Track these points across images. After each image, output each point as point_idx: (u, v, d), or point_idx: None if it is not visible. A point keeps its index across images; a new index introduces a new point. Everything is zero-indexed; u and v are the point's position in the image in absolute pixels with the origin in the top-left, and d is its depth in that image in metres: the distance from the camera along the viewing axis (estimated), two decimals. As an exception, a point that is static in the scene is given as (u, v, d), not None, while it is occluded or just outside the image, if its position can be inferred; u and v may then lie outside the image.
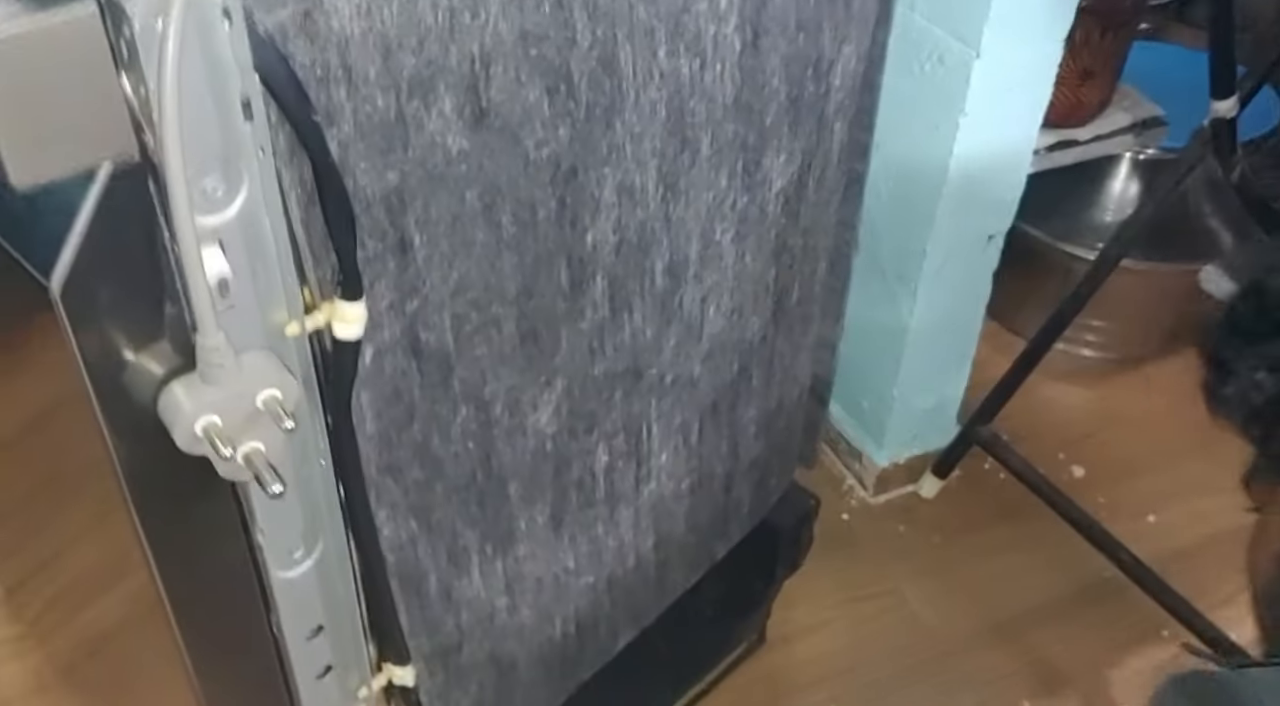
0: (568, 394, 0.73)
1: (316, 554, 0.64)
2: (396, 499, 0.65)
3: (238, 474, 0.52)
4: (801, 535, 1.17)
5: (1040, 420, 1.52)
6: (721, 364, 0.85)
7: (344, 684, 0.72)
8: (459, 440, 0.67)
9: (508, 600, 0.79)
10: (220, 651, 0.64)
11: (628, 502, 0.86)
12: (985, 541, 1.38)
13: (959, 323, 1.31)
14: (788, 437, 1.05)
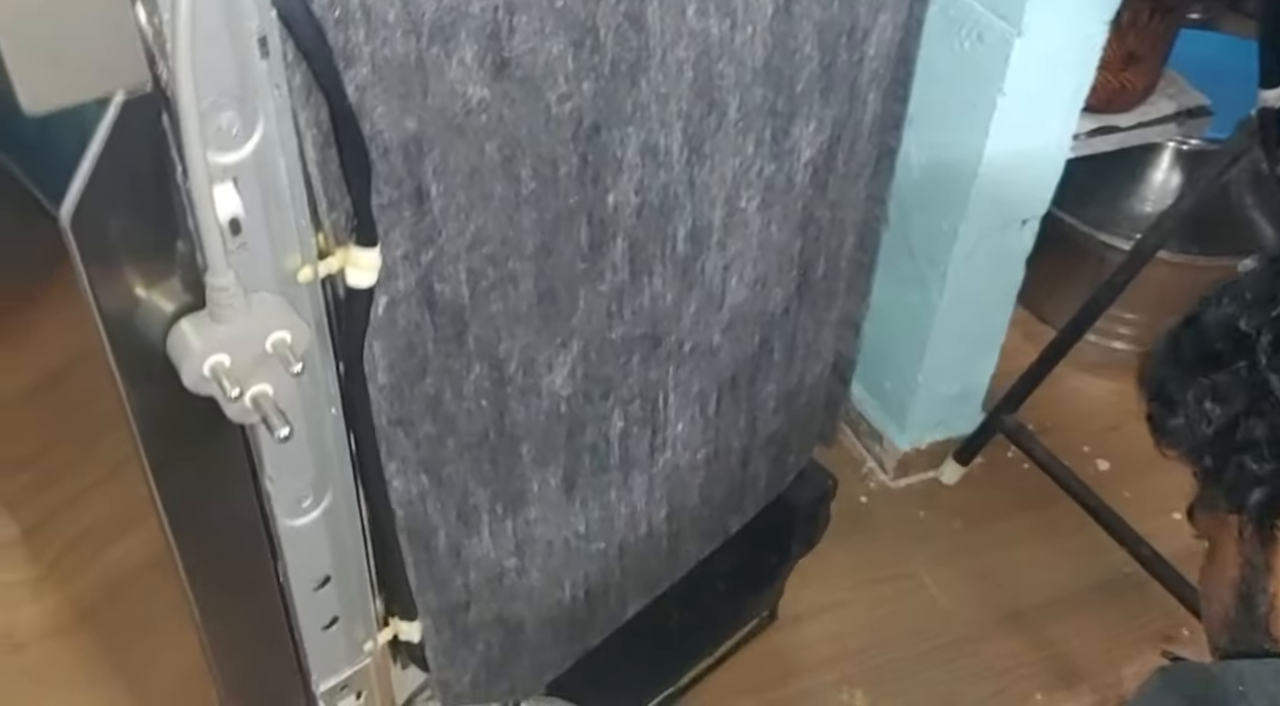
0: (584, 357, 0.72)
1: (325, 503, 0.64)
2: (407, 452, 0.65)
3: (246, 416, 0.52)
4: (819, 513, 1.16)
5: (1066, 411, 1.50)
6: (742, 335, 0.84)
7: (350, 636, 0.72)
8: (472, 397, 0.66)
9: (517, 561, 0.79)
10: (227, 599, 0.64)
11: (642, 470, 0.85)
12: (1006, 530, 1.36)
13: (988, 308, 1.30)
14: (808, 414, 1.04)
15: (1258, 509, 0.60)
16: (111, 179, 0.44)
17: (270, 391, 0.52)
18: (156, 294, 0.50)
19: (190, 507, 0.57)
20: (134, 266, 0.48)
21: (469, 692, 0.82)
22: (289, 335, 0.50)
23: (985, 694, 1.19)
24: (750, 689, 1.19)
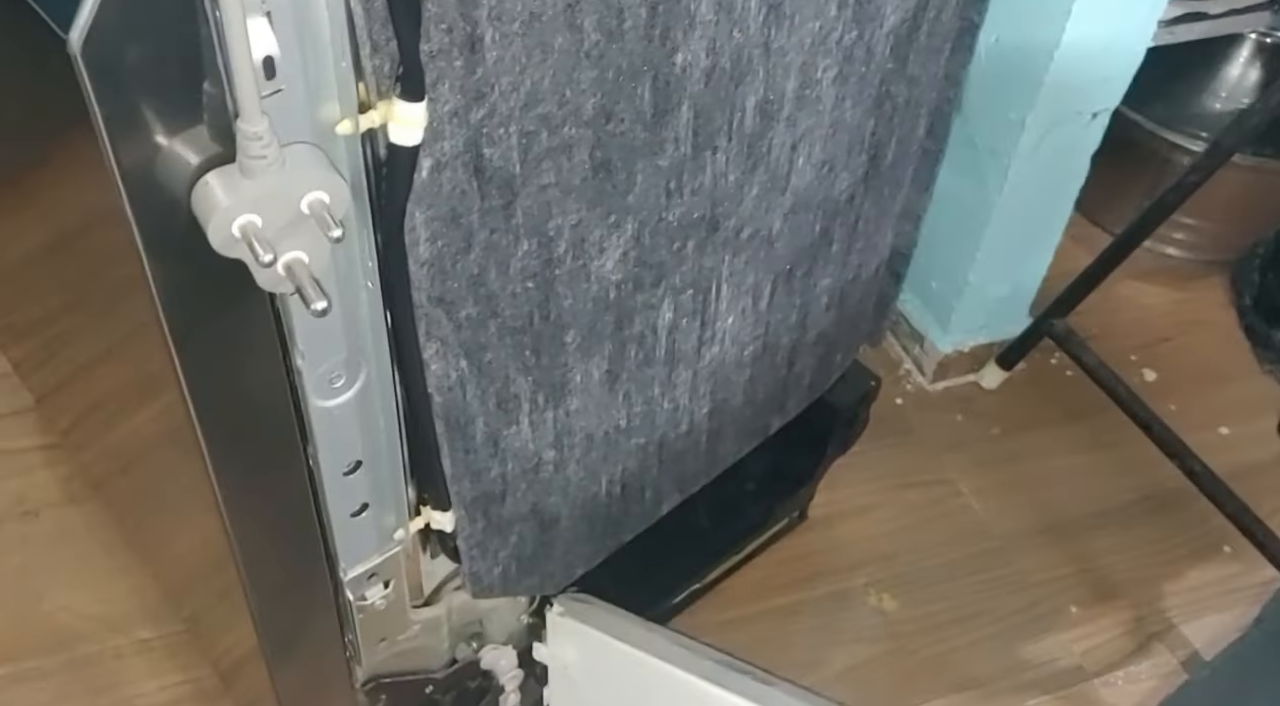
0: (637, 240, 0.66)
1: (359, 384, 0.59)
2: (447, 334, 0.60)
3: (278, 284, 0.46)
4: (858, 415, 1.12)
5: (1115, 319, 1.44)
6: (803, 223, 0.78)
7: (380, 524, 0.68)
8: (517, 277, 0.61)
9: (555, 454, 0.75)
10: (251, 479, 0.60)
11: (687, 364, 0.80)
12: (1046, 439, 1.32)
13: (1048, 205, 1.23)
14: (858, 314, 0.98)
15: None
16: (129, 3, 0.37)
17: (305, 259, 0.47)
18: (180, 143, 0.44)
19: (214, 381, 0.53)
20: (155, 109, 0.42)
21: (499, 585, 0.79)
22: (327, 195, 0.45)
23: (1018, 605, 1.17)
24: (778, 589, 1.17)
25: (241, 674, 0.90)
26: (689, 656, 0.85)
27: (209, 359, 0.52)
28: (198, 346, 0.51)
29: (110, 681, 1.03)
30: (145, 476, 0.91)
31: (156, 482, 0.88)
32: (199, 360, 0.51)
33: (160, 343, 0.51)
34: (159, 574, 1.08)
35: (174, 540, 0.94)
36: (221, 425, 0.56)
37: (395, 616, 0.77)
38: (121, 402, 0.83)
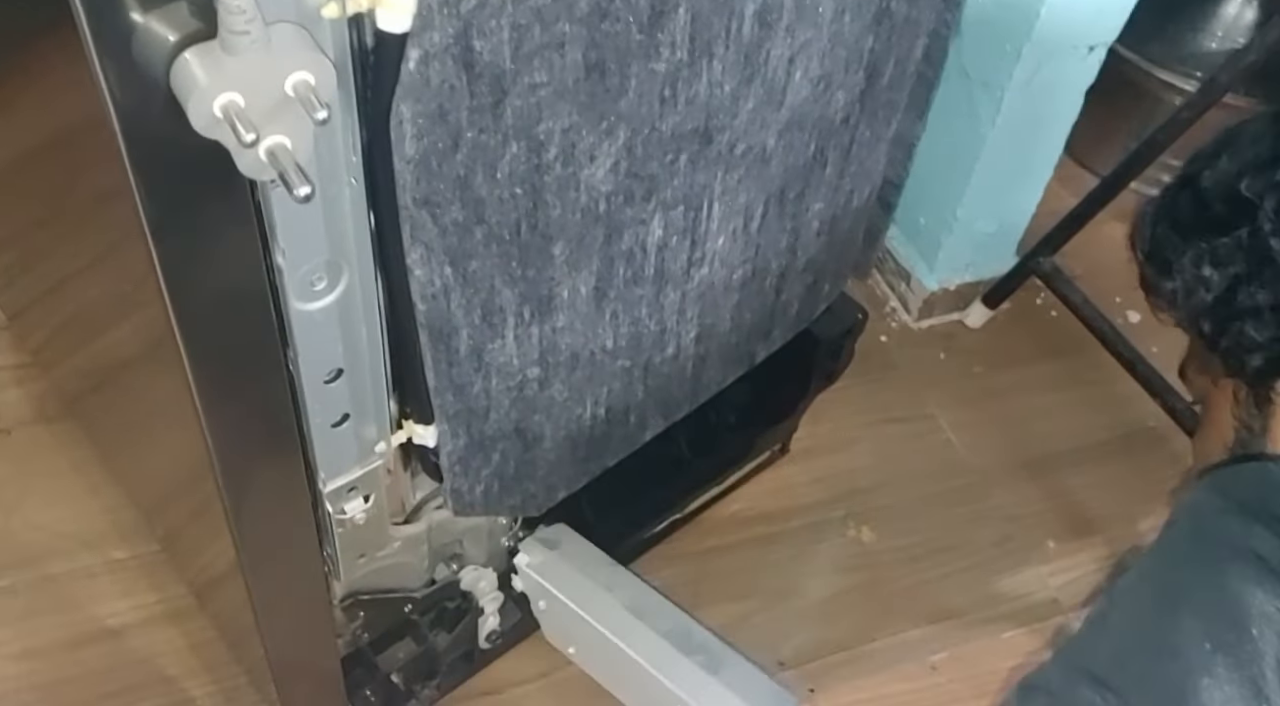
0: (629, 150, 0.65)
1: (341, 288, 0.58)
2: (432, 239, 0.58)
3: (260, 171, 0.45)
4: (843, 348, 1.11)
5: (1100, 261, 1.43)
6: (797, 141, 0.77)
7: (361, 436, 0.67)
8: (506, 182, 0.59)
9: (540, 371, 0.74)
10: (230, 386, 0.59)
11: (675, 285, 0.79)
12: (1028, 377, 1.32)
13: (1040, 141, 1.21)
14: (848, 242, 0.97)
15: (1255, 374, 0.58)
16: None
17: (289, 144, 0.45)
18: (159, 19, 0.42)
19: (193, 277, 0.51)
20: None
21: (480, 503, 0.78)
22: (312, 77, 0.43)
23: (995, 539, 1.18)
24: (757, 520, 1.17)
25: (217, 591, 0.89)
26: (641, 631, 0.85)
27: (188, 254, 0.50)
28: (177, 240, 0.49)
29: (82, 599, 1.02)
30: (120, 393, 0.90)
31: (131, 398, 0.86)
32: (178, 255, 0.49)
33: (139, 236, 0.49)
34: (133, 492, 1.06)
35: (149, 456, 0.93)
36: (201, 326, 0.55)
37: (375, 532, 0.76)
38: (96, 318, 0.81)
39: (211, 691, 0.99)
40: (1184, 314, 0.62)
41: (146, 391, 0.78)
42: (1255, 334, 0.57)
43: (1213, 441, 0.63)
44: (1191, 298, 0.60)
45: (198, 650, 1.00)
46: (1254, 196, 0.57)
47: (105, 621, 1.02)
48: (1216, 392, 0.63)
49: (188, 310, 0.53)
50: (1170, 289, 0.62)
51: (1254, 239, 0.57)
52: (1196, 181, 0.61)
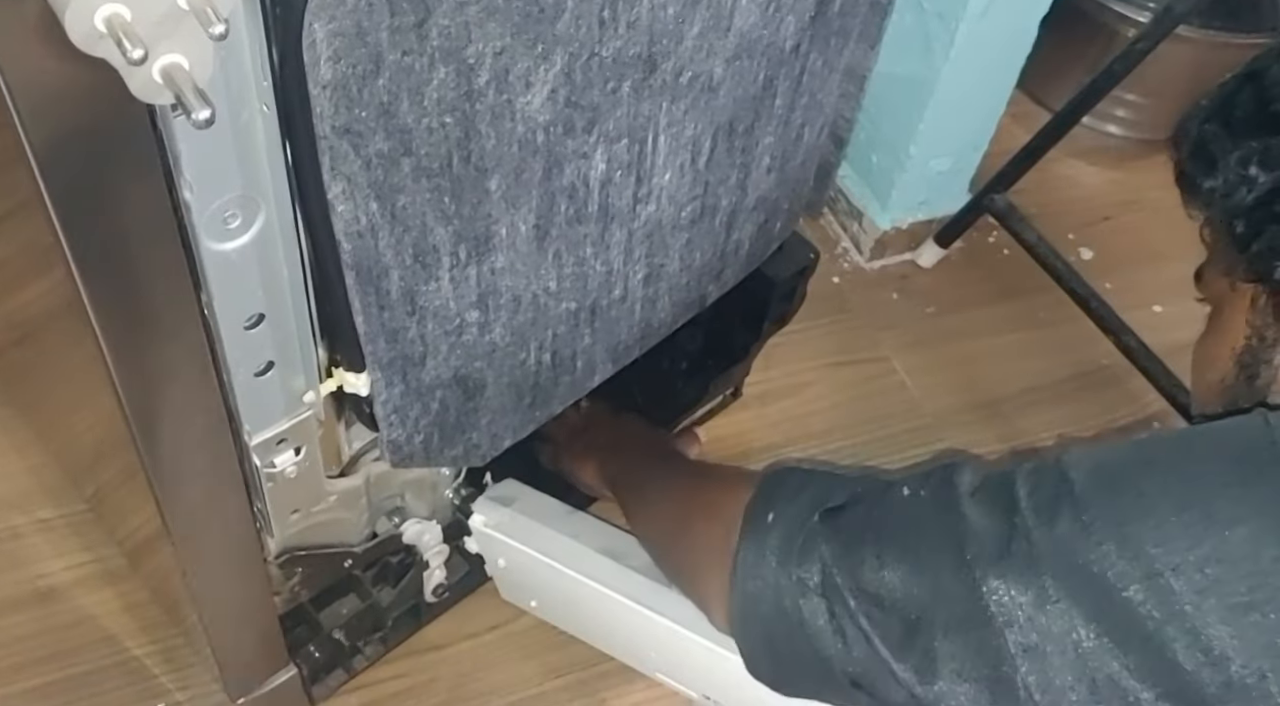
0: (567, 76, 0.61)
1: (257, 226, 0.54)
2: (354, 172, 0.54)
3: (155, 93, 0.40)
4: (796, 289, 1.08)
5: (1054, 199, 1.42)
6: (746, 70, 0.73)
7: (287, 385, 0.63)
8: (434, 110, 0.55)
9: (480, 315, 0.70)
10: (141, 334, 0.55)
11: (621, 223, 0.76)
12: (981, 318, 1.31)
13: (994, 76, 1.19)
14: (800, 179, 0.94)
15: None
16: None
17: (186, 64, 0.40)
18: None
19: (90, 212, 0.47)
20: None
21: (420, 454, 0.75)
22: (206, -14, 0.39)
23: (949, 480, 1.17)
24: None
25: (146, 552, 0.86)
26: (615, 570, 0.83)
27: (82, 188, 0.46)
28: (68, 173, 0.45)
29: (11, 561, 0.98)
30: (39, 349, 0.85)
31: (50, 354, 0.82)
32: (71, 189, 0.45)
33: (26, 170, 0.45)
34: (58, 452, 1.02)
35: (71, 415, 0.89)
36: (103, 268, 0.50)
37: (308, 486, 0.72)
38: (13, 272, 0.76)
39: (150, 652, 0.96)
40: (1219, 213, 0.59)
41: (63, 346, 0.74)
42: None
43: (1220, 347, 0.62)
44: (1231, 197, 0.57)
45: (134, 610, 0.97)
46: None
47: (36, 583, 0.98)
48: (1235, 297, 0.60)
49: (87, 250, 0.49)
50: (1210, 187, 0.59)
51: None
52: (1261, 78, 0.57)
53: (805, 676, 0.64)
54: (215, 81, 0.45)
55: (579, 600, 0.85)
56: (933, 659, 0.55)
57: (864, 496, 0.63)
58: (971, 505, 0.55)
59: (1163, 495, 0.50)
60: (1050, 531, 0.51)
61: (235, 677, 0.85)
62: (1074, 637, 0.50)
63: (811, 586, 0.61)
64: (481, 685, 0.97)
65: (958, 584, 0.53)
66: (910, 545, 0.57)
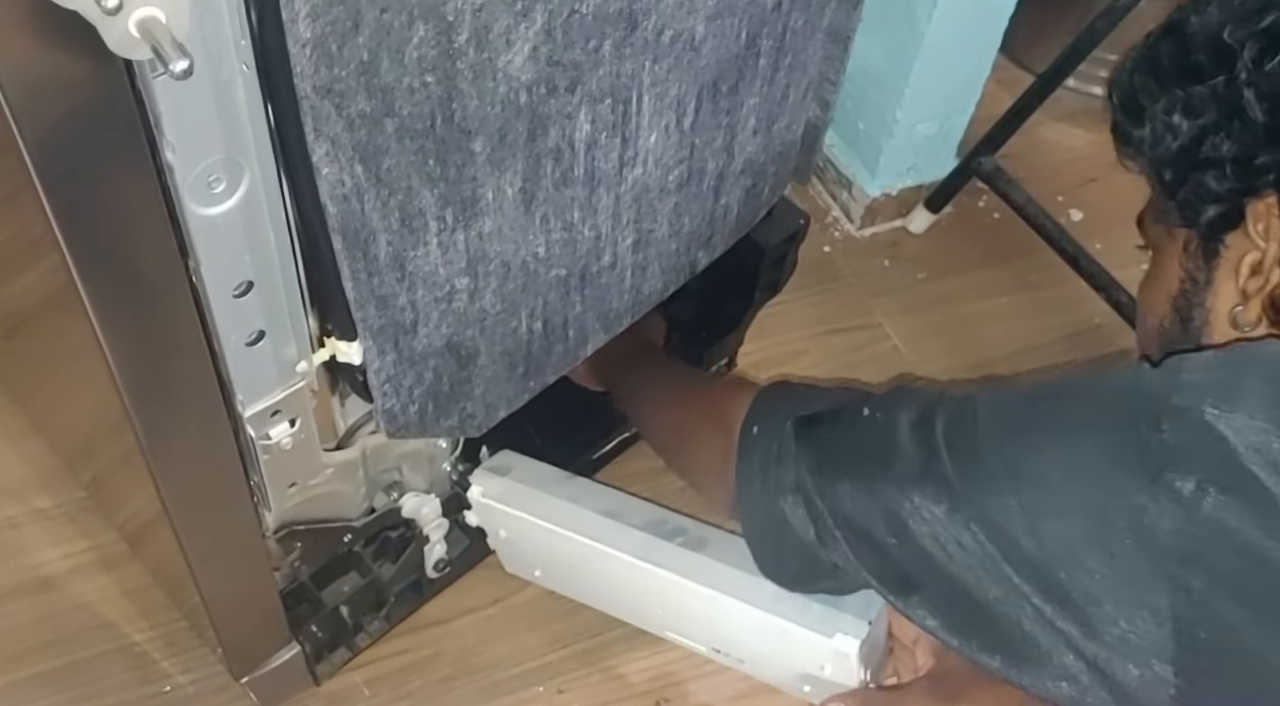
0: (548, 33, 0.61)
1: (242, 190, 0.54)
2: (338, 133, 0.54)
3: (131, 47, 0.40)
4: (786, 255, 1.08)
5: (1041, 162, 1.42)
6: (728, 29, 0.73)
7: (279, 354, 0.63)
8: (415, 69, 0.55)
9: (469, 282, 0.70)
10: (129, 302, 0.54)
11: (608, 187, 0.75)
12: (972, 282, 1.31)
13: (978, 39, 1.18)
14: (786, 143, 0.94)
15: (1208, 225, 0.59)
16: None
17: (162, 18, 0.40)
18: None
19: (71, 171, 0.47)
20: None
21: (415, 425, 0.75)
22: (179, -66, 0.39)
23: (946, 442, 1.17)
24: (707, 436, 1.14)
25: (147, 535, 0.86)
26: (617, 529, 0.83)
27: (63, 147, 0.45)
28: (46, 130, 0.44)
29: (8, 550, 0.98)
30: (31, 338, 0.85)
31: (43, 343, 0.82)
32: (50, 147, 0.45)
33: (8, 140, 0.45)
34: (53, 440, 1.02)
35: (65, 401, 0.88)
36: (87, 234, 0.50)
37: (305, 458, 0.72)
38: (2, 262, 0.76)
39: (151, 637, 0.96)
40: (1148, 162, 0.62)
41: (56, 334, 0.73)
42: (1214, 185, 0.57)
43: (1158, 291, 0.64)
44: (1159, 146, 0.60)
45: (133, 596, 0.97)
46: (1235, 44, 0.56)
47: (34, 572, 0.98)
48: (1169, 242, 0.63)
49: (71, 216, 0.49)
50: (1139, 137, 0.62)
51: (1229, 88, 0.56)
52: (1182, 28, 0.59)
53: (805, 570, 0.70)
54: (193, 38, 0.45)
55: (582, 563, 0.85)
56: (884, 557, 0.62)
57: (837, 410, 0.69)
58: (905, 431, 0.62)
59: (1041, 435, 0.56)
60: (954, 459, 0.58)
61: (238, 656, 0.85)
62: (976, 544, 0.56)
63: (788, 486, 0.67)
64: (486, 657, 0.98)
65: (890, 496, 0.60)
66: (859, 460, 0.64)
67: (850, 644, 0.72)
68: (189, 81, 0.45)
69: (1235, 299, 0.58)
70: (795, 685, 0.78)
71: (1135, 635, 0.51)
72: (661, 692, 0.98)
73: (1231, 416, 0.48)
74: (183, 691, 0.94)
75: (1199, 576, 0.49)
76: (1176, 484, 0.49)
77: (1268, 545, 0.47)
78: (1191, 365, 0.52)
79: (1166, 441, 0.50)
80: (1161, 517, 0.49)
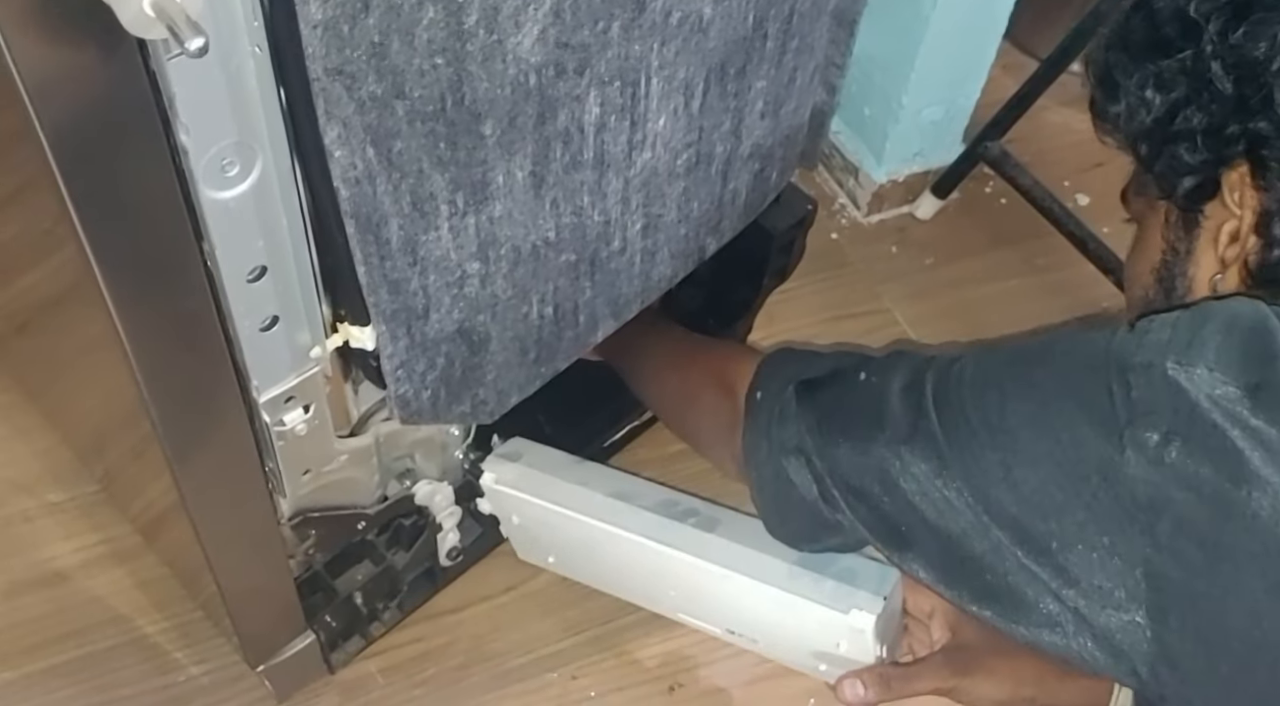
0: (556, 15, 0.61)
1: (255, 174, 0.54)
2: (349, 116, 0.54)
3: (146, 26, 0.40)
4: (795, 241, 1.08)
5: (1047, 147, 1.42)
6: (735, 10, 0.73)
7: (293, 340, 0.64)
8: (424, 51, 0.55)
9: (480, 267, 0.70)
10: (145, 285, 0.55)
11: (618, 171, 0.75)
12: (981, 266, 1.31)
13: (983, 22, 1.18)
14: (794, 125, 0.94)
15: (1186, 196, 0.60)
16: None
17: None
18: None
19: (87, 154, 0.47)
20: None
21: (428, 410, 0.75)
22: (193, -88, 0.39)
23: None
24: (716, 423, 1.15)
25: (162, 523, 0.86)
26: (629, 511, 0.83)
27: (78, 127, 0.45)
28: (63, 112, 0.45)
29: (21, 544, 0.98)
30: (44, 332, 0.85)
31: (56, 336, 0.82)
32: (66, 127, 0.45)
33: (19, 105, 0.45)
34: (66, 434, 1.02)
35: (79, 394, 0.89)
36: (105, 223, 0.50)
37: (319, 445, 0.73)
38: (15, 257, 0.76)
39: (165, 628, 0.96)
40: (1125, 136, 0.63)
41: (67, 329, 0.74)
42: (1188, 157, 0.59)
43: (1142, 262, 0.65)
44: (1133, 120, 0.61)
45: (147, 587, 0.97)
46: (1200, 18, 0.57)
47: (47, 565, 0.98)
48: (1151, 214, 0.64)
49: (88, 200, 0.49)
50: (1115, 112, 0.63)
51: (1197, 61, 0.58)
52: (1150, 3, 0.61)
53: (811, 528, 0.72)
54: (205, 21, 0.45)
55: (595, 547, 0.85)
56: (881, 515, 0.64)
57: (836, 373, 0.71)
58: (897, 394, 0.63)
59: (1020, 394, 0.57)
60: (941, 419, 0.60)
61: (253, 645, 0.85)
62: (962, 500, 0.58)
63: (791, 448, 0.69)
64: (500, 645, 0.98)
65: (882, 455, 0.62)
66: (854, 422, 0.66)
67: (866, 619, 0.72)
68: (202, 64, 0.46)
69: (1216, 267, 0.60)
70: (810, 664, 0.79)
71: (1111, 583, 0.53)
72: (675, 677, 0.98)
73: (1192, 369, 0.50)
74: (198, 681, 0.94)
75: (1166, 522, 0.51)
76: (1143, 436, 0.51)
77: (1228, 489, 0.49)
78: (1156, 324, 0.53)
79: (1133, 397, 0.51)
80: (1131, 468, 0.51)
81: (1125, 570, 0.52)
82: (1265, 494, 0.48)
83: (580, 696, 0.97)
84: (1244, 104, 0.56)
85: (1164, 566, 0.51)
